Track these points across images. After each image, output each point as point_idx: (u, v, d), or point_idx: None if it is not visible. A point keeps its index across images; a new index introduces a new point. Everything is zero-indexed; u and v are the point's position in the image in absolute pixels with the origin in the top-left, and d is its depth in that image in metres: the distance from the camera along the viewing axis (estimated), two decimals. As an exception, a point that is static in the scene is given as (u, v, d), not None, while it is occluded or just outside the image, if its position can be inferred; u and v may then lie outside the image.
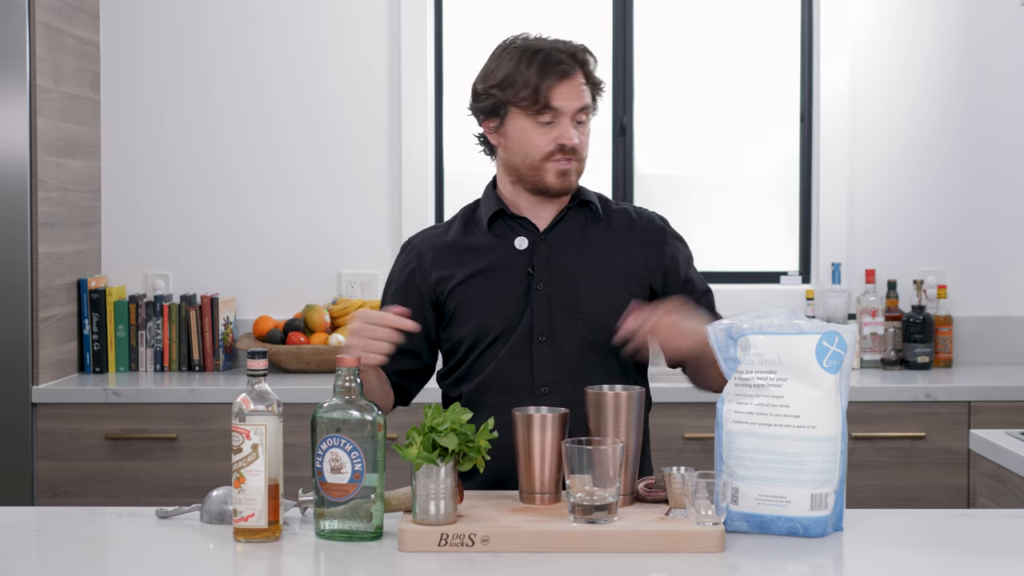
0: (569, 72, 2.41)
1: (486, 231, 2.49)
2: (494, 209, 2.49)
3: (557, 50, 2.42)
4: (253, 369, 2.01)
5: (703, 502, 1.96)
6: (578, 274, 2.45)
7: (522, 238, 2.48)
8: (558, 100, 2.40)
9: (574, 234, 2.48)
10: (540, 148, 2.42)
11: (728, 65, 4.42)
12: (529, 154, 2.43)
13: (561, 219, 2.49)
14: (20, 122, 3.74)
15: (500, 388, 2.42)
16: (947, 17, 4.29)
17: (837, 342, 2.04)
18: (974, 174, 4.31)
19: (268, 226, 4.32)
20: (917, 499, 3.71)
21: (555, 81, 2.40)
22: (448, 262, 2.48)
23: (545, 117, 2.40)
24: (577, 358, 2.42)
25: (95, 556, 2.02)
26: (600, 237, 2.49)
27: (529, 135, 2.42)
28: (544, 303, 2.43)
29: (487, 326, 2.43)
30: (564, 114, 2.40)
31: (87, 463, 3.75)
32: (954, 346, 4.24)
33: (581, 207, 2.51)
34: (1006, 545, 2.02)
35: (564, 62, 2.41)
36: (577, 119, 2.42)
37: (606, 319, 2.41)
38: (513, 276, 2.45)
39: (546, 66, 2.40)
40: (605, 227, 2.50)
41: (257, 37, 4.32)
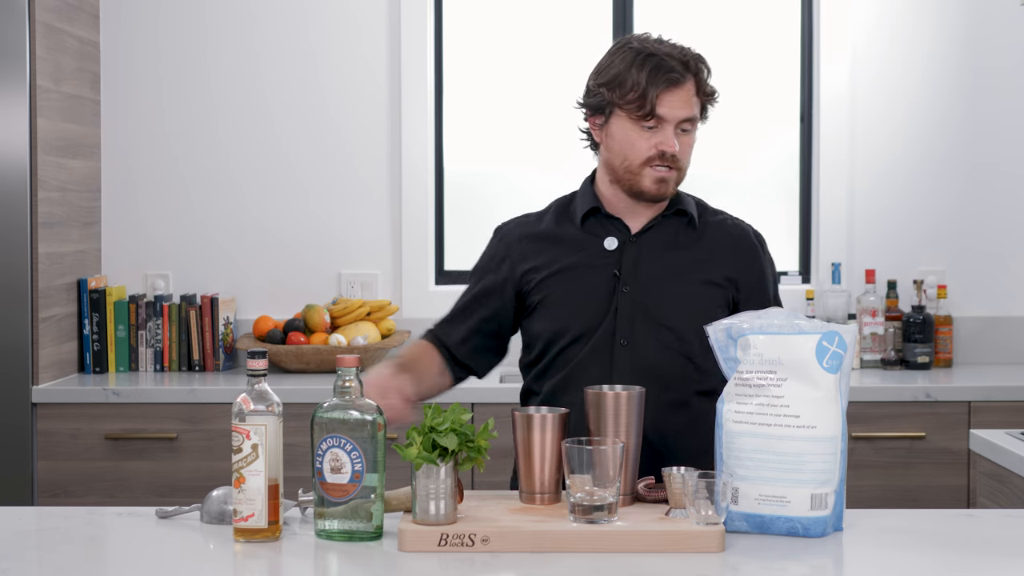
0: (679, 81, 2.38)
1: (578, 226, 2.48)
2: (590, 206, 2.48)
3: (671, 56, 2.39)
4: (253, 369, 2.01)
5: (703, 502, 1.96)
6: (664, 281, 2.43)
7: (612, 238, 2.46)
8: (664, 108, 2.38)
9: (665, 240, 2.47)
10: (640, 153, 2.40)
11: (728, 65, 4.42)
12: (628, 157, 2.41)
13: (655, 224, 2.47)
14: (20, 122, 3.74)
15: (580, 388, 2.37)
16: (947, 16, 4.29)
17: (837, 342, 2.04)
18: (974, 174, 4.31)
19: (268, 226, 4.32)
20: (917, 499, 3.71)
21: (663, 88, 2.37)
22: (537, 253, 2.48)
23: (649, 123, 2.38)
24: (657, 365, 2.40)
25: (95, 556, 2.02)
26: (691, 246, 2.47)
27: (631, 138, 2.40)
28: (628, 307, 2.41)
29: (568, 324, 2.42)
30: (668, 122, 2.38)
31: (87, 463, 3.75)
32: (954, 346, 4.24)
33: (677, 215, 2.49)
34: (1006, 545, 2.02)
35: (675, 70, 2.38)
36: (682, 127, 2.40)
37: (688, 328, 2.40)
38: (599, 276, 2.44)
39: (657, 72, 2.37)
40: (698, 237, 2.48)
41: (257, 37, 4.32)
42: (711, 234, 2.50)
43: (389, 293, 4.32)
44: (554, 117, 4.45)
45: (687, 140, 2.42)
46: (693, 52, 2.44)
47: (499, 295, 2.50)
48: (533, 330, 2.48)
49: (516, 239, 2.52)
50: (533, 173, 4.44)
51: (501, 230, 2.57)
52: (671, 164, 2.41)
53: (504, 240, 2.54)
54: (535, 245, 2.49)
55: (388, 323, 4.21)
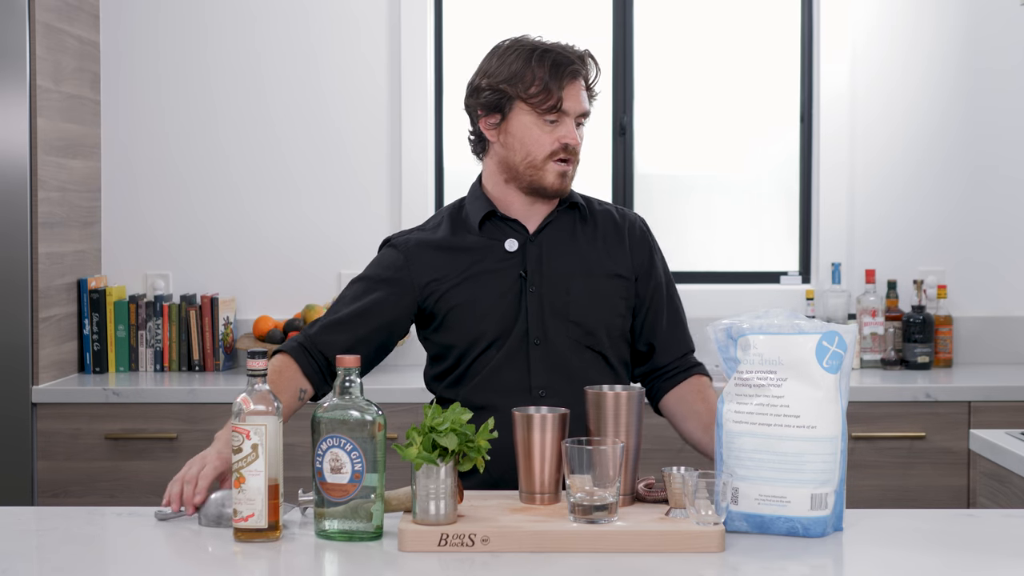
0: (577, 74, 2.42)
1: (476, 232, 2.47)
2: (485, 210, 2.48)
3: (564, 51, 2.43)
4: (253, 369, 2.01)
5: (703, 502, 1.96)
6: (568, 276, 2.44)
7: (512, 240, 2.47)
8: (567, 101, 2.40)
9: (563, 236, 2.48)
10: (544, 147, 2.41)
11: (728, 65, 4.42)
12: (531, 152, 2.42)
13: (551, 221, 2.48)
14: (20, 122, 3.74)
15: (497, 391, 2.41)
16: (947, 17, 4.29)
17: (837, 342, 2.04)
18: (974, 174, 4.31)
19: (268, 226, 4.32)
20: (917, 499, 3.71)
21: (567, 82, 2.40)
22: (438, 264, 2.46)
23: (551, 116, 2.40)
24: (571, 360, 2.43)
25: (95, 556, 2.02)
26: (588, 239, 2.49)
27: (534, 133, 2.41)
28: (537, 306, 2.43)
29: (481, 330, 2.43)
30: (570, 115, 2.41)
31: (87, 463, 3.75)
32: (954, 346, 4.24)
33: (570, 209, 2.51)
34: (1006, 545, 2.02)
35: (573, 63, 2.41)
36: (578, 121, 2.43)
37: (596, 321, 2.43)
38: (505, 279, 2.44)
39: (557, 66, 2.40)
40: (592, 228, 2.50)
41: (257, 37, 4.32)
42: (603, 224, 2.52)
43: (389, 293, 4.32)
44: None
45: (582, 134, 2.45)
46: (583, 49, 2.47)
47: (395, 306, 2.45)
48: (443, 341, 2.47)
49: (415, 249, 2.48)
50: (533, 173, 4.43)
51: (393, 241, 2.52)
52: (571, 157, 2.42)
53: (401, 250, 2.49)
54: (435, 255, 2.47)
55: (388, 323, 4.20)
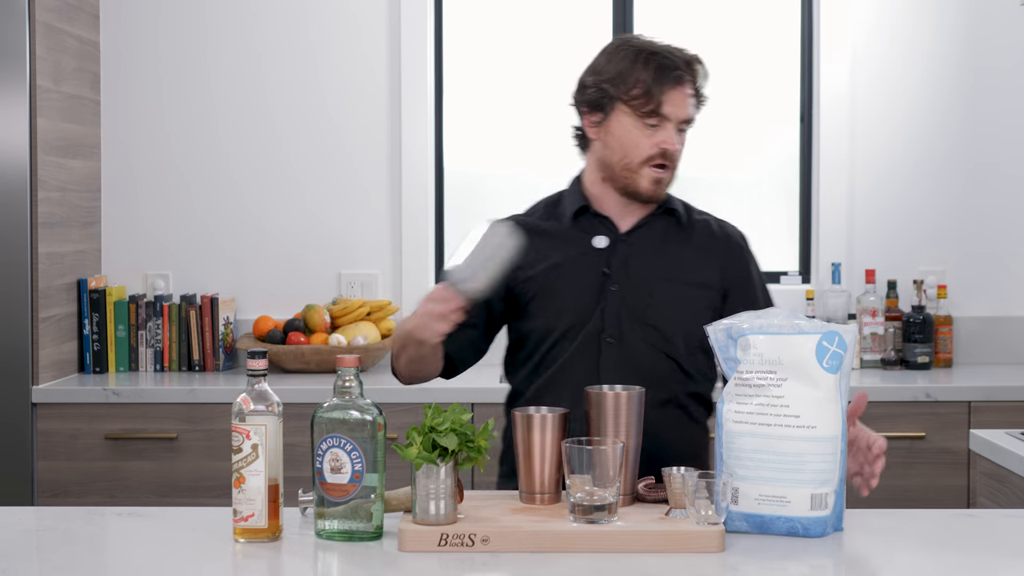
0: (682, 79, 2.39)
1: (567, 224, 2.47)
2: (579, 204, 2.47)
3: (672, 55, 2.40)
4: (253, 369, 2.01)
5: (703, 502, 1.96)
6: (653, 281, 2.42)
7: (602, 236, 2.46)
8: (668, 106, 2.38)
9: (655, 240, 2.46)
10: (642, 150, 2.40)
11: (728, 65, 4.42)
12: (629, 154, 2.41)
13: (644, 224, 2.47)
14: (20, 122, 3.74)
15: (566, 386, 2.39)
16: (947, 16, 4.29)
17: (837, 342, 2.04)
18: (974, 173, 4.31)
19: (268, 226, 4.32)
20: (917, 499, 3.71)
21: (669, 87, 2.38)
22: (528, 249, 2.43)
23: (652, 120, 2.38)
24: (644, 363, 2.40)
25: (95, 556, 2.02)
26: (680, 247, 2.47)
27: (633, 135, 2.40)
28: (615, 305, 2.41)
29: (556, 321, 2.42)
30: (671, 121, 2.39)
31: (87, 463, 3.75)
32: (954, 346, 4.24)
33: (666, 215, 2.49)
34: (1006, 545, 2.02)
35: (680, 68, 2.39)
36: (680, 128, 2.41)
37: (675, 328, 2.41)
38: (588, 274, 2.43)
39: (662, 70, 2.38)
40: (686, 237, 2.48)
41: (257, 37, 4.32)
42: (698, 235, 2.50)
43: (389, 293, 4.32)
44: (554, 117, 4.45)
45: (683, 140, 2.43)
46: (692, 52, 2.44)
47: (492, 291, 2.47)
48: (522, 328, 2.47)
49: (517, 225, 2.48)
50: (533, 173, 4.44)
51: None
52: (668, 164, 2.41)
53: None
54: (528, 240, 2.45)
55: (388, 323, 4.21)
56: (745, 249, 2.53)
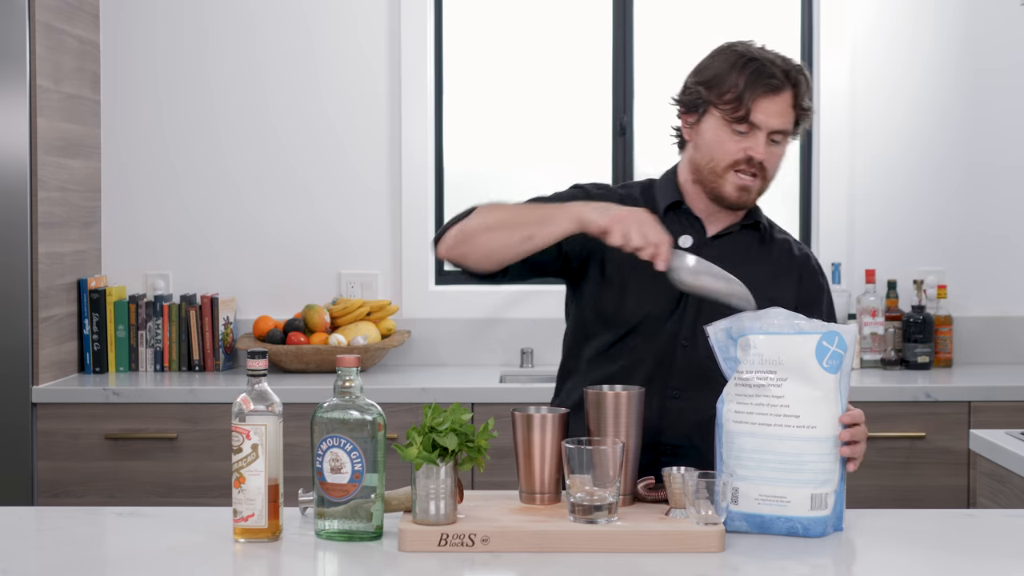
0: (778, 88, 2.35)
1: (659, 216, 2.41)
2: (674, 199, 2.45)
3: (772, 63, 2.36)
4: (253, 369, 2.01)
5: (703, 502, 1.96)
6: None
7: (687, 237, 2.43)
8: (759, 114, 2.34)
9: (738, 251, 2.44)
10: (728, 155, 2.36)
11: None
12: (715, 158, 2.38)
13: (730, 232, 2.45)
14: (20, 122, 3.73)
15: (637, 379, 2.36)
16: (946, 16, 4.29)
17: (837, 342, 2.04)
18: (974, 174, 4.31)
19: (268, 226, 4.32)
20: (917, 499, 3.71)
21: (761, 94, 2.34)
22: None
23: (741, 127, 2.35)
24: (714, 369, 2.33)
25: (95, 556, 2.02)
26: (761, 262, 2.45)
27: (721, 139, 2.37)
28: (694, 309, 2.38)
29: (633, 313, 2.38)
30: (761, 129, 2.35)
31: (87, 463, 3.75)
32: (954, 346, 4.24)
33: (752, 228, 2.47)
34: (1006, 545, 2.02)
35: (776, 76, 2.35)
36: (772, 138, 2.37)
37: None
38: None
39: (756, 77, 2.34)
40: (767, 253, 2.47)
41: (257, 37, 4.32)
42: (779, 253, 2.48)
43: (389, 293, 4.32)
44: (554, 117, 4.45)
45: (776, 152, 2.38)
46: (796, 64, 2.39)
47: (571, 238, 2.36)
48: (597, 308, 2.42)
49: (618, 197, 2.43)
50: (533, 173, 4.44)
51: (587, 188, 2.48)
52: (756, 172, 2.37)
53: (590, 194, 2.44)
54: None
55: (388, 323, 4.21)
56: (820, 275, 2.51)
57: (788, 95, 2.36)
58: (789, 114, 2.37)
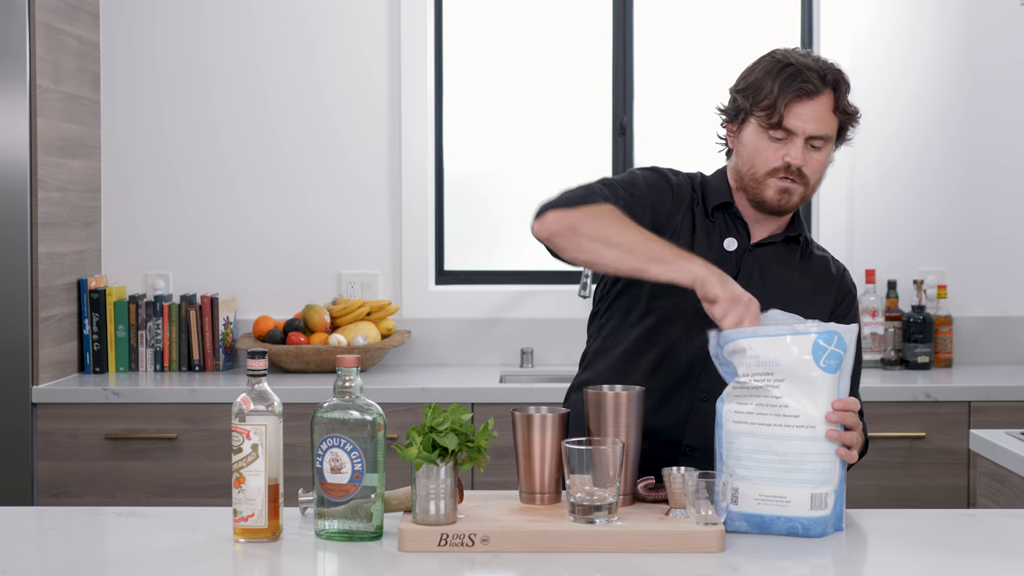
0: (812, 93, 2.33)
1: (705, 214, 2.44)
2: (724, 199, 2.45)
3: (808, 68, 2.34)
4: (253, 369, 2.01)
5: (703, 502, 1.96)
6: (772, 300, 2.34)
7: (732, 240, 2.43)
8: (793, 120, 2.33)
9: (780, 261, 2.44)
10: (767, 162, 2.36)
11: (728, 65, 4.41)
12: (755, 165, 2.38)
13: (773, 241, 2.45)
14: (20, 122, 3.73)
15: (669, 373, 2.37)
16: (946, 16, 4.29)
17: (836, 342, 2.04)
18: (974, 174, 4.31)
19: (268, 226, 4.32)
20: (917, 499, 3.71)
21: (793, 99, 2.33)
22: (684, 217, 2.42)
23: (778, 133, 2.34)
24: None
25: (95, 556, 2.02)
26: (800, 275, 2.44)
27: (759, 147, 2.36)
28: None
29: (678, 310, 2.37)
30: (798, 135, 2.34)
31: (87, 463, 3.75)
32: (954, 346, 4.24)
33: (793, 241, 2.47)
34: (1006, 545, 2.02)
35: (809, 81, 2.33)
36: (812, 143, 2.35)
37: None
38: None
39: (790, 82, 2.33)
40: (807, 267, 2.46)
41: (257, 37, 4.32)
42: (817, 269, 2.47)
43: (389, 293, 4.32)
44: (554, 117, 4.45)
45: (817, 157, 2.36)
46: (835, 67, 2.38)
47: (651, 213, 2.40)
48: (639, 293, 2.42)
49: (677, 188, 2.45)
50: (533, 173, 4.44)
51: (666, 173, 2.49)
52: (796, 178, 2.36)
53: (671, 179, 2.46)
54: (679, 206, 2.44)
55: (388, 323, 4.21)
56: (852, 291, 2.50)
57: (826, 99, 2.35)
58: (828, 118, 2.35)
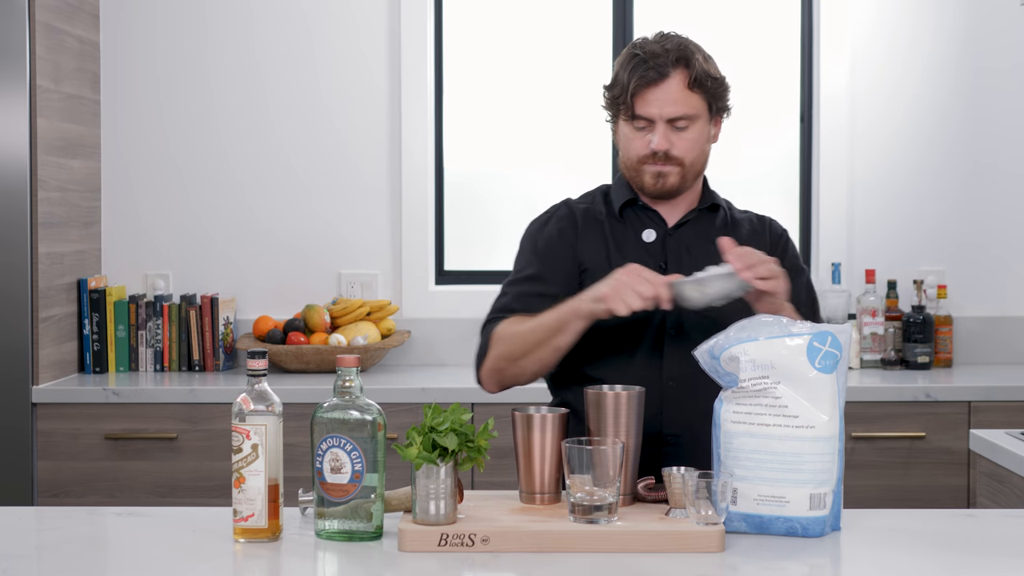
0: (656, 79, 2.35)
1: (617, 217, 2.47)
2: (627, 197, 2.47)
3: (653, 54, 2.35)
4: (253, 369, 2.01)
5: (703, 502, 1.96)
6: None
7: (650, 231, 2.45)
8: (646, 107, 2.35)
9: (702, 234, 2.46)
10: (636, 151, 2.39)
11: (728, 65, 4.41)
12: (628, 156, 2.41)
13: (690, 219, 2.47)
14: (20, 122, 3.74)
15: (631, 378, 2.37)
16: (946, 16, 4.29)
17: (830, 342, 2.04)
18: (974, 174, 4.31)
19: (268, 226, 4.32)
20: (917, 499, 3.71)
21: (640, 87, 2.35)
22: (591, 236, 2.45)
23: (639, 123, 2.37)
24: None
25: (95, 556, 2.02)
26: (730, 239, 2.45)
27: (628, 137, 2.40)
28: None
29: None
30: (656, 121, 2.36)
31: (87, 463, 3.75)
32: (954, 346, 4.24)
33: (711, 211, 2.49)
34: (1006, 545, 2.02)
35: (653, 68, 2.34)
36: (676, 125, 2.37)
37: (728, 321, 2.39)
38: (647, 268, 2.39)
39: (635, 71, 2.35)
40: (733, 231, 2.47)
41: (257, 37, 4.32)
42: (742, 230, 2.49)
43: (389, 293, 4.32)
44: (554, 117, 4.45)
45: (686, 136, 2.38)
46: (685, 45, 2.39)
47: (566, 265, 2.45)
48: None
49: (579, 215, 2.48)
50: (533, 173, 4.44)
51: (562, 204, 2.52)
52: (665, 161, 2.39)
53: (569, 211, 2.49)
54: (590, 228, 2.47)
55: (388, 323, 4.21)
56: (785, 238, 2.54)
57: (677, 80, 2.36)
58: (683, 97, 2.36)
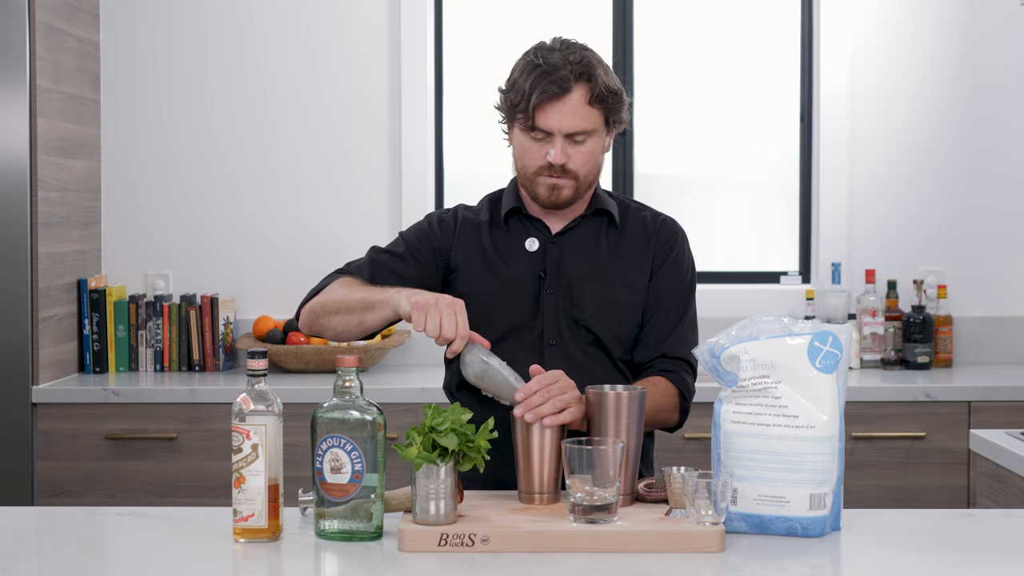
0: (559, 94, 2.33)
1: (502, 225, 2.48)
2: (512, 205, 2.48)
3: (556, 67, 2.33)
4: (253, 369, 2.01)
5: (703, 502, 1.96)
6: (582, 283, 2.42)
7: (533, 239, 2.46)
8: (547, 120, 2.34)
9: (585, 242, 2.46)
10: (533, 161, 2.39)
11: (728, 65, 4.42)
12: (524, 165, 2.41)
13: (575, 225, 2.47)
14: (20, 122, 3.74)
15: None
16: (946, 17, 4.29)
17: (831, 342, 2.04)
18: (974, 174, 4.31)
19: (268, 226, 4.32)
20: (917, 499, 3.71)
21: (544, 101, 2.33)
22: (466, 243, 2.47)
23: (537, 134, 2.36)
24: (585, 364, 2.41)
25: (95, 556, 2.02)
26: (612, 247, 2.46)
27: (525, 146, 2.40)
28: (553, 308, 2.42)
29: (494, 321, 2.41)
30: (554, 134, 2.35)
31: (87, 463, 3.75)
32: (954, 346, 4.24)
33: (597, 215, 2.48)
34: (1006, 545, 2.02)
35: (556, 82, 2.32)
36: (574, 139, 2.36)
37: (607, 330, 2.42)
38: (524, 277, 2.44)
39: (536, 83, 2.33)
40: (619, 237, 2.47)
41: (257, 37, 4.32)
42: (632, 231, 2.48)
43: (389, 293, 4.32)
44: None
45: (582, 150, 2.36)
46: (587, 59, 2.35)
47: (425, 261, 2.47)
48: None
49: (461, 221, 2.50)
50: (533, 173, 4.43)
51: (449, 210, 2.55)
52: (561, 174, 2.38)
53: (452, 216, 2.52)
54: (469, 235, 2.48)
55: (388, 323, 4.20)
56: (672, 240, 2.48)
57: (578, 94, 2.34)
58: (583, 112, 2.34)
